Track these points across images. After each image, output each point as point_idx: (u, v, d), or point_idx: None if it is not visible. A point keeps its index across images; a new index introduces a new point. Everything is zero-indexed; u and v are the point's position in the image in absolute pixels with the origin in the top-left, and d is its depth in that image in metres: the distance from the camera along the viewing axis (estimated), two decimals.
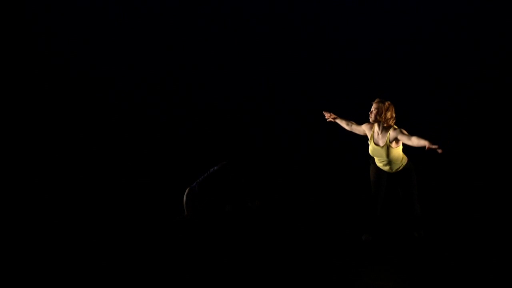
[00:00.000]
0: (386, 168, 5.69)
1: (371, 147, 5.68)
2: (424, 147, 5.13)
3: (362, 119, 5.85)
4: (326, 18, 9.57)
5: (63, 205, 7.06)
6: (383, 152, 5.57)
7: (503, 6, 9.05)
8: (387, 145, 5.53)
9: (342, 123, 5.99)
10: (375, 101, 5.54)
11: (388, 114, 5.49)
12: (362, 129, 5.80)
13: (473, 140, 8.67)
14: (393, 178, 5.74)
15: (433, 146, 5.05)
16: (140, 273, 4.83)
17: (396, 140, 5.49)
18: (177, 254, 5.38)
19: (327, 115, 6.05)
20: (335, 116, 6.01)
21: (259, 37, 9.58)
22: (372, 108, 5.54)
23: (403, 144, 5.54)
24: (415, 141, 5.26)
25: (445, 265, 4.99)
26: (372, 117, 5.55)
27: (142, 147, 9.13)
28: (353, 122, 5.94)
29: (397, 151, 5.56)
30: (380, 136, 5.59)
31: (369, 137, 5.70)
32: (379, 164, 5.72)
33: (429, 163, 7.20)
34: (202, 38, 9.67)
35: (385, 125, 5.54)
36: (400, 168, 5.66)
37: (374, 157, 5.74)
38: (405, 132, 5.46)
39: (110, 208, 6.97)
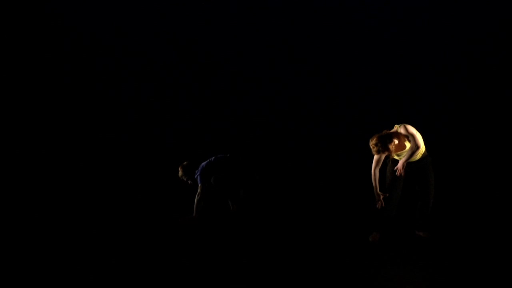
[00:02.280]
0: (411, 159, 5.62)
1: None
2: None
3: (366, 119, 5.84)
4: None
5: (73, 203, 7.10)
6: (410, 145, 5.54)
7: None
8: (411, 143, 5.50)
9: (377, 179, 5.64)
10: (373, 149, 5.44)
11: (390, 146, 5.40)
12: (382, 157, 5.61)
13: (474, 140, 8.70)
14: (411, 175, 5.68)
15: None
16: (143, 273, 4.83)
17: (409, 134, 5.49)
18: (181, 254, 5.39)
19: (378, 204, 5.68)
20: (381, 194, 5.64)
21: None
22: (381, 152, 5.44)
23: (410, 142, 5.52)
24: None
25: (452, 265, 4.97)
26: (390, 156, 5.59)
27: (144, 147, 9.14)
28: (375, 169, 5.62)
29: (418, 138, 5.54)
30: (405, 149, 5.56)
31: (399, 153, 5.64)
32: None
33: (435, 162, 7.19)
34: (217, 35, 9.57)
35: (397, 146, 5.48)
36: (422, 157, 5.63)
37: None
38: (410, 131, 5.48)
39: (113, 208, 6.99)
